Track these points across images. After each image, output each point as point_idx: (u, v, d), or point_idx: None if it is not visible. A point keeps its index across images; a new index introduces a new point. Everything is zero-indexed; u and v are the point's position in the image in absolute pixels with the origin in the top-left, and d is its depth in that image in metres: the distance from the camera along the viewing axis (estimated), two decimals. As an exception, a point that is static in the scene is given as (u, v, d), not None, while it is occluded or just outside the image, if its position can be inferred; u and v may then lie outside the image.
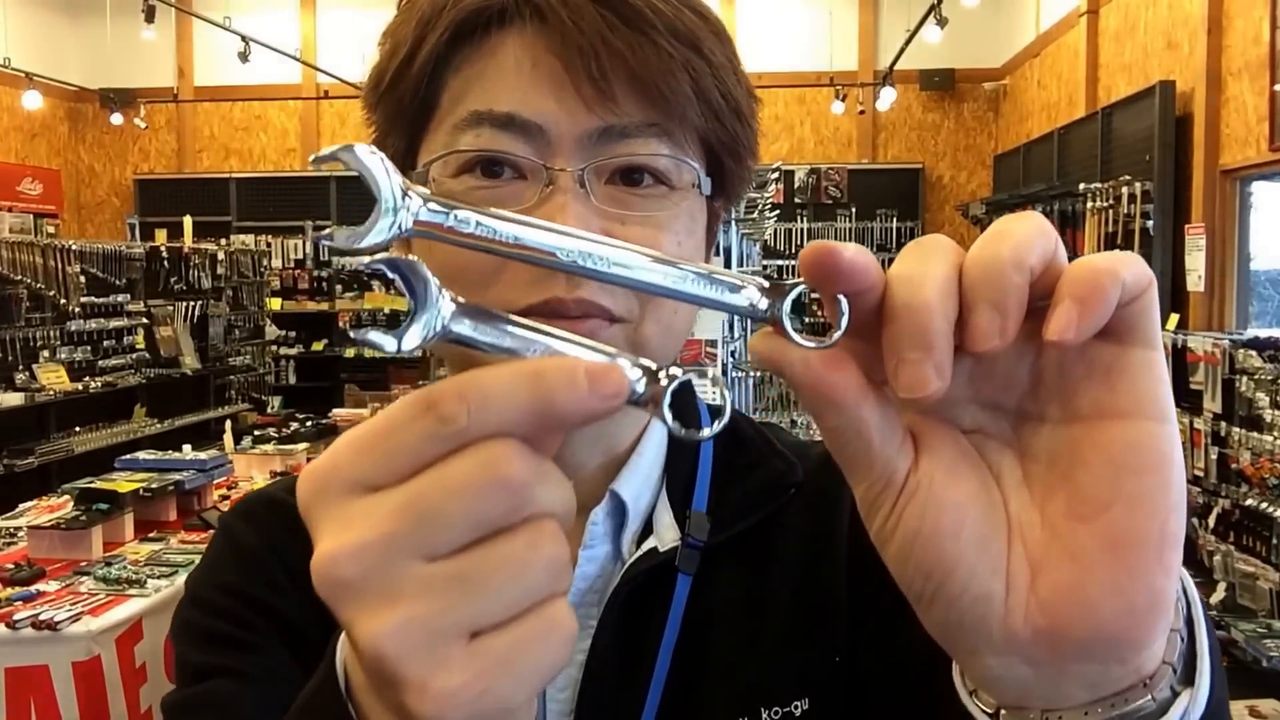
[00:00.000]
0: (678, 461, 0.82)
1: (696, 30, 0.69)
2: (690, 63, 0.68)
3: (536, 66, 0.67)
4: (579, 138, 0.67)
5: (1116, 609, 0.42)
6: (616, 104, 0.67)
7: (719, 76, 0.70)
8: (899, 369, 0.41)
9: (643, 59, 0.66)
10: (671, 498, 0.81)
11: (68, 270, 7.62)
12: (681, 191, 0.71)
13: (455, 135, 0.69)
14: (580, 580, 0.77)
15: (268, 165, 12.40)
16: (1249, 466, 5.14)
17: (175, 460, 4.16)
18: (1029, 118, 10.37)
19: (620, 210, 0.68)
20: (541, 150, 0.67)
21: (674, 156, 0.69)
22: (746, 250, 6.89)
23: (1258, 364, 5.11)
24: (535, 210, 0.66)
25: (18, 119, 11.39)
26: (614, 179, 0.69)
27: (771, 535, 0.81)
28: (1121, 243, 6.88)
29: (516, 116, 0.67)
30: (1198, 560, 5.70)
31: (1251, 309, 6.34)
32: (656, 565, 0.77)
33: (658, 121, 0.68)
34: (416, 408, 0.39)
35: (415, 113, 0.71)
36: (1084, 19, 8.62)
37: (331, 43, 11.67)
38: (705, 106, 0.69)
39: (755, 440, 0.86)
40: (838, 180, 11.63)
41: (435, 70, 0.69)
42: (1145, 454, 0.43)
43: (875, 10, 11.73)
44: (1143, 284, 0.42)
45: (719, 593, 0.78)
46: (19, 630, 2.80)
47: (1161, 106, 6.66)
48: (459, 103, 0.69)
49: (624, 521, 0.79)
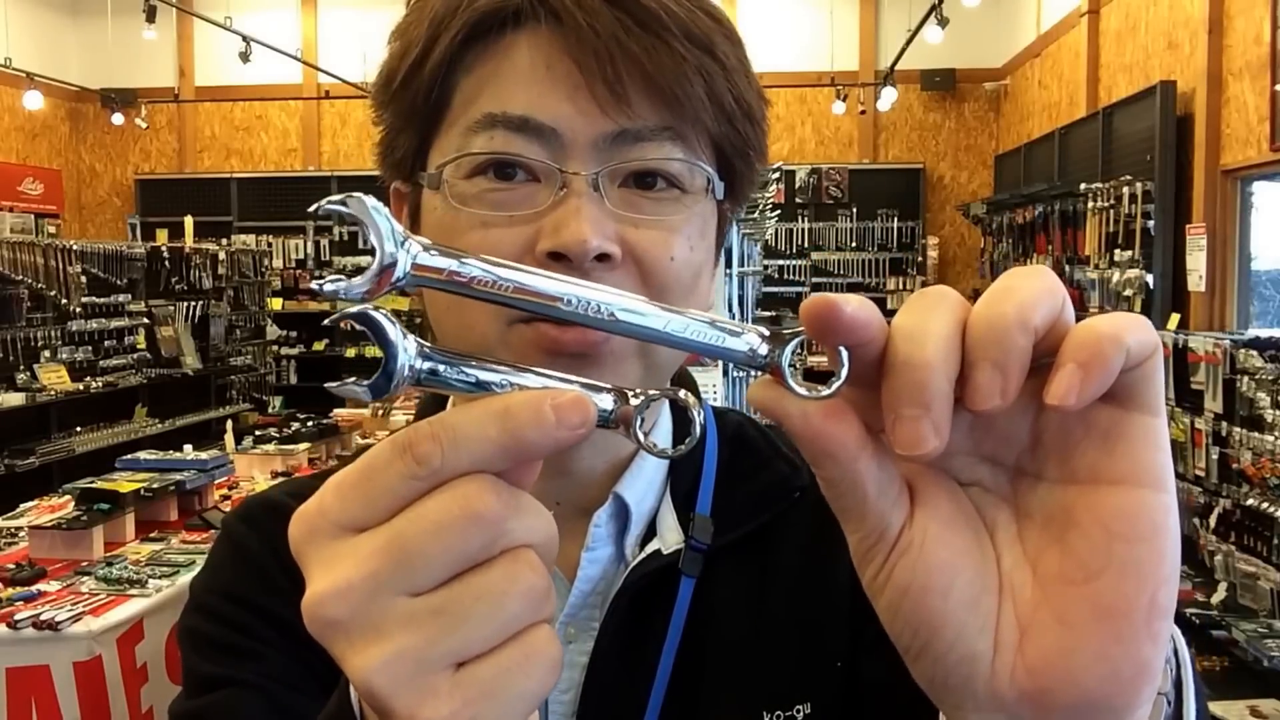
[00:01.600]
0: (682, 464, 0.82)
1: (710, 33, 0.69)
2: (704, 66, 0.68)
3: (551, 69, 0.67)
4: (593, 141, 0.67)
5: (1102, 676, 0.42)
6: (631, 107, 0.66)
7: (732, 79, 0.70)
8: (897, 426, 0.41)
9: (657, 62, 0.66)
10: (675, 500, 0.80)
11: (69, 270, 7.62)
12: (694, 195, 0.71)
13: (468, 137, 0.68)
14: (583, 582, 0.77)
15: (269, 165, 12.40)
16: (1250, 466, 5.14)
17: (176, 460, 4.16)
18: (1030, 118, 10.37)
19: (633, 214, 0.68)
20: (555, 153, 0.67)
21: (688, 161, 0.69)
22: (747, 250, 6.88)
23: (1259, 364, 5.10)
24: (549, 213, 0.66)
25: (19, 119, 11.40)
26: (627, 182, 0.69)
27: (775, 539, 0.81)
28: (1122, 243, 6.88)
29: (531, 119, 0.67)
30: (1199, 560, 5.71)
31: (1252, 309, 6.34)
32: (659, 568, 0.77)
33: (672, 125, 0.68)
34: (393, 450, 0.41)
35: (427, 113, 0.71)
36: (1085, 19, 8.62)
37: (332, 43, 11.66)
38: (718, 110, 0.69)
39: (760, 443, 0.86)
40: (839, 180, 11.63)
41: (448, 71, 0.69)
42: (1138, 522, 0.42)
43: (876, 10, 11.73)
44: (1147, 350, 0.41)
45: (722, 595, 0.78)
46: (20, 630, 2.80)
47: (1162, 106, 6.66)
48: (472, 104, 0.69)
49: (627, 524, 0.79)
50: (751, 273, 7.18)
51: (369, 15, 10.52)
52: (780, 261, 11.52)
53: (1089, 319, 0.42)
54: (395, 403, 6.60)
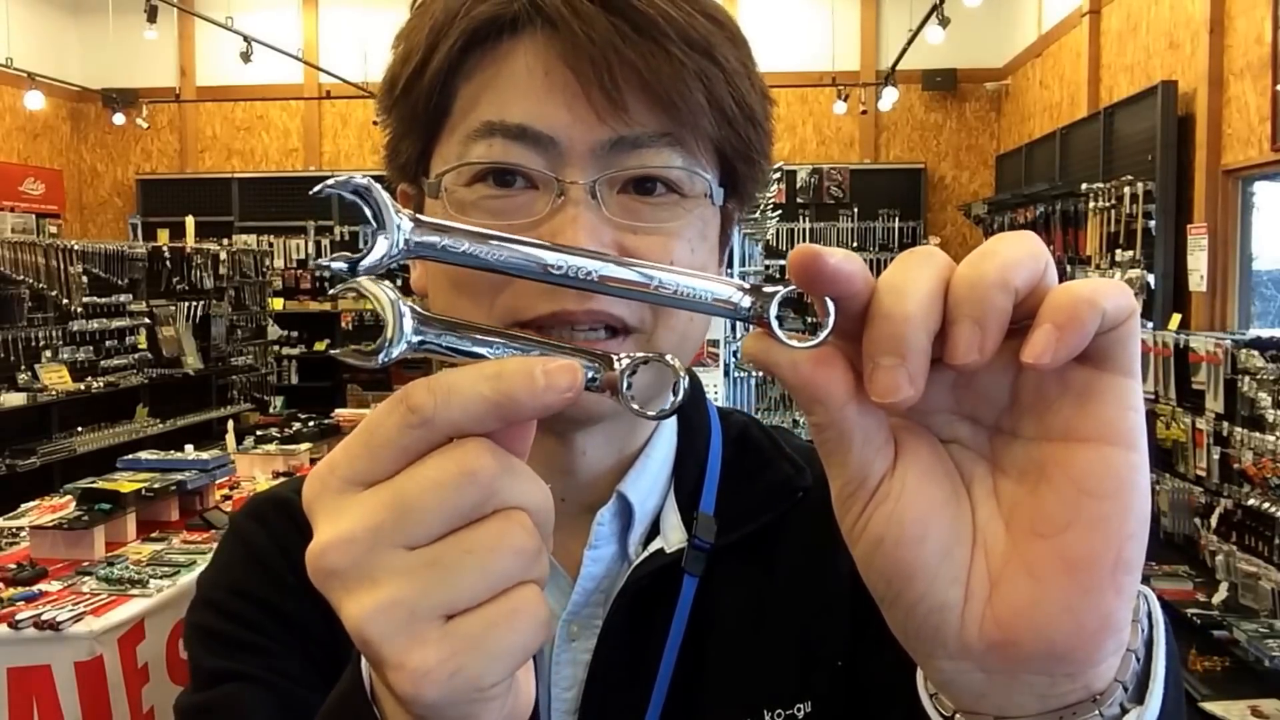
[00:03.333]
0: (686, 463, 0.83)
1: (710, 36, 0.68)
2: (703, 70, 0.68)
3: (549, 75, 0.67)
4: (591, 148, 0.67)
5: (1066, 627, 0.43)
6: (629, 114, 0.66)
7: (733, 82, 0.70)
8: (874, 374, 0.43)
9: (655, 68, 0.66)
10: (679, 499, 0.81)
11: (70, 270, 7.62)
12: (694, 199, 0.71)
13: (468, 144, 0.69)
14: (585, 580, 0.78)
15: (270, 165, 12.40)
16: (1251, 466, 5.14)
17: (177, 460, 4.16)
18: (1031, 118, 10.36)
19: (632, 221, 0.68)
20: (553, 160, 0.67)
21: (687, 168, 0.69)
22: (749, 250, 6.89)
23: (1260, 364, 5.10)
24: (547, 221, 0.66)
25: (20, 119, 11.40)
26: (626, 188, 0.69)
27: (777, 539, 0.81)
28: (1123, 243, 6.88)
29: (529, 128, 0.67)
30: (1200, 560, 5.70)
31: (1254, 309, 6.33)
32: (662, 567, 0.78)
33: (670, 131, 0.68)
34: (392, 403, 0.44)
35: (429, 119, 0.71)
36: (1086, 19, 8.62)
37: (333, 43, 11.66)
38: (718, 114, 0.69)
39: (764, 444, 0.86)
40: (840, 180, 11.63)
41: (448, 78, 0.69)
42: (1107, 479, 0.44)
43: (877, 10, 11.73)
44: (1123, 314, 0.43)
45: (724, 595, 0.79)
46: (21, 630, 2.80)
47: (1163, 106, 6.65)
48: (471, 111, 0.69)
49: (630, 522, 0.79)
50: (753, 273, 7.19)
51: (370, 15, 10.51)
52: (781, 261, 11.50)
53: (1067, 282, 0.43)
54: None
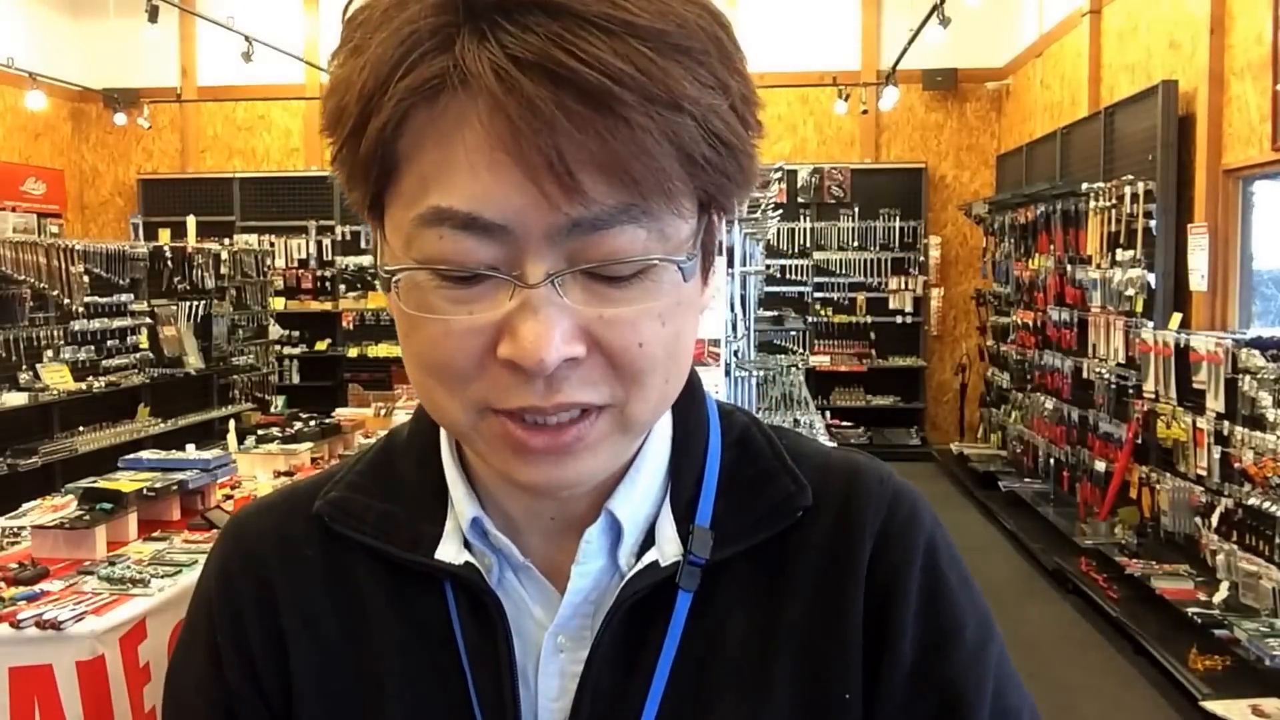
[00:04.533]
0: (682, 471, 0.79)
1: (672, 83, 0.59)
2: (669, 127, 0.59)
3: (494, 158, 0.59)
4: (547, 233, 0.60)
5: None
6: (584, 195, 0.59)
7: (705, 125, 0.61)
8: None
9: (610, 143, 0.58)
10: (675, 510, 0.77)
11: (71, 270, 7.62)
12: (664, 268, 0.64)
13: (417, 230, 0.62)
14: (572, 594, 0.75)
15: (271, 165, 12.41)
16: (1252, 466, 5.14)
17: (179, 460, 4.16)
18: (1032, 117, 10.36)
19: (599, 308, 0.63)
20: (509, 250, 0.61)
21: (655, 258, 0.63)
22: (750, 250, 6.88)
23: (1260, 363, 5.11)
24: (508, 323, 0.62)
25: (21, 119, 11.40)
26: (592, 269, 0.62)
27: (782, 557, 0.77)
28: (1124, 242, 6.88)
29: (478, 218, 0.60)
30: (1201, 559, 5.71)
31: (1254, 308, 6.34)
32: (656, 582, 0.75)
33: (634, 203, 0.61)
34: None
35: (375, 176, 0.65)
36: (1087, 18, 8.62)
37: (335, 42, 11.61)
38: (691, 166, 0.61)
39: (766, 452, 0.81)
40: (841, 180, 11.62)
41: (388, 143, 0.62)
42: None
43: (878, 10, 11.72)
44: None
45: (722, 612, 0.76)
46: (23, 629, 2.80)
47: (1164, 106, 6.65)
48: (420, 188, 0.62)
49: (619, 537, 0.76)
50: (754, 272, 7.18)
51: (371, 15, 10.47)
52: (782, 261, 11.52)
53: None
54: (397, 402, 6.61)
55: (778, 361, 7.46)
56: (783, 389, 7.00)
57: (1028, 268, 8.94)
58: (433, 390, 0.67)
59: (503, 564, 0.76)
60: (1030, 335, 8.97)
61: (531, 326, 0.61)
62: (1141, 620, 5.62)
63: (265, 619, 0.79)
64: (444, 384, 0.66)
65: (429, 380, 0.67)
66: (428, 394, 0.68)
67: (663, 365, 0.66)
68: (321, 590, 0.79)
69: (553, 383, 0.63)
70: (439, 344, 0.64)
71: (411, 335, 0.66)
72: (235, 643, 0.79)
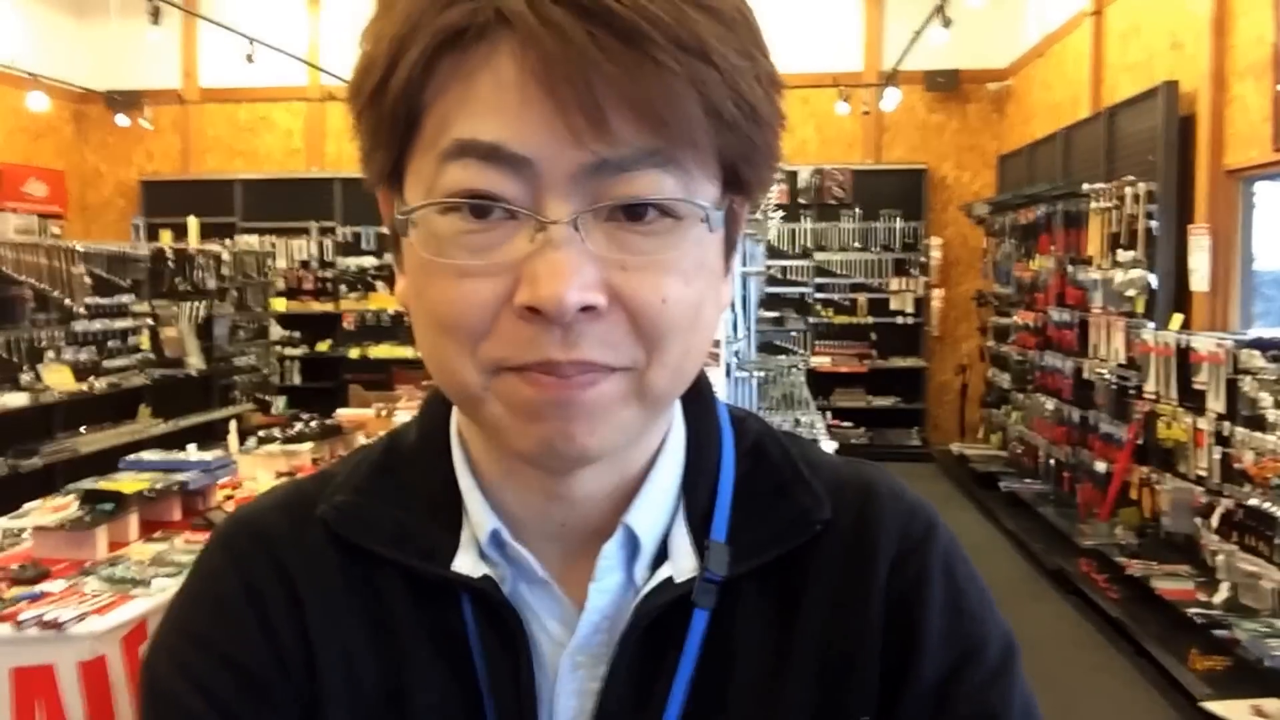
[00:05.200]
0: (696, 483, 0.77)
1: (702, 32, 0.60)
2: (697, 75, 0.60)
3: (522, 91, 0.59)
4: (572, 172, 0.60)
5: None
6: (613, 134, 0.59)
7: (731, 82, 0.62)
8: None
9: (640, 81, 0.58)
10: (690, 522, 0.75)
11: (73, 271, 7.63)
12: (690, 220, 0.64)
13: (440, 166, 0.62)
14: (591, 613, 0.73)
15: (273, 166, 12.41)
16: (1252, 466, 5.14)
17: (180, 461, 4.16)
18: (1033, 118, 10.36)
19: (621, 254, 0.62)
20: (532, 186, 0.61)
21: (682, 199, 0.63)
22: (750, 250, 6.88)
23: (1261, 364, 5.11)
24: (528, 263, 0.61)
25: (23, 120, 11.41)
26: (615, 215, 0.62)
27: (799, 574, 0.76)
28: (1125, 243, 6.88)
29: (502, 148, 0.60)
30: (1201, 560, 5.70)
31: (1255, 309, 6.34)
32: (672, 600, 0.72)
33: (660, 148, 0.61)
34: None
35: (399, 133, 0.65)
36: (1088, 19, 8.62)
37: (336, 44, 11.67)
38: (716, 121, 0.61)
39: (781, 464, 0.79)
40: (842, 181, 11.62)
41: (415, 92, 0.63)
42: None
43: (880, 11, 11.73)
44: None
45: (739, 631, 0.74)
46: (25, 630, 2.81)
47: (1166, 107, 6.66)
48: (442, 129, 0.62)
49: (636, 551, 0.74)
50: (755, 273, 7.18)
51: (372, 16, 10.49)
52: (783, 262, 11.52)
53: None
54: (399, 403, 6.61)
55: (779, 362, 7.46)
56: (784, 389, 7.00)
57: (1029, 268, 8.94)
58: (444, 351, 0.65)
59: (516, 577, 0.74)
60: (1031, 336, 8.97)
61: (551, 264, 0.60)
62: (1142, 621, 5.61)
63: (286, 591, 0.75)
64: (456, 341, 0.64)
65: (441, 339, 0.65)
66: (438, 357, 0.66)
67: (684, 332, 0.65)
68: (341, 590, 0.75)
69: (570, 336, 0.61)
70: (453, 295, 0.63)
71: (425, 292, 0.65)
72: (257, 616, 0.74)
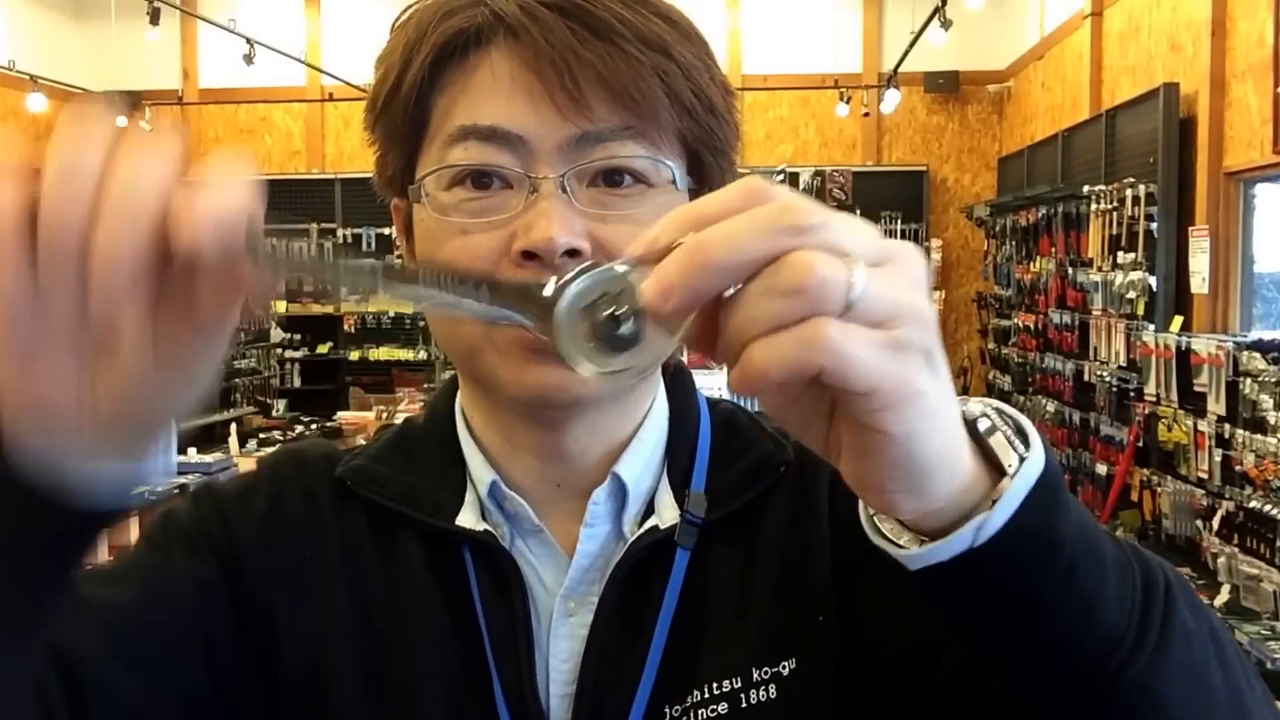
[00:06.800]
0: (677, 447, 0.87)
1: (664, 35, 0.75)
2: (660, 67, 0.74)
3: (515, 80, 0.73)
4: (558, 145, 0.73)
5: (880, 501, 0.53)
6: (591, 111, 0.73)
7: (690, 76, 0.76)
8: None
9: (613, 67, 0.72)
10: (672, 480, 0.85)
11: (73, 273, 7.62)
12: (660, 188, 0.76)
13: (445, 150, 0.75)
14: (581, 557, 0.82)
15: (272, 168, 12.40)
16: (1253, 469, 5.14)
17: (180, 463, 4.17)
18: (1033, 120, 10.36)
19: (601, 210, 0.74)
20: (524, 159, 0.74)
21: (650, 157, 0.75)
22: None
23: (1261, 366, 5.10)
24: (521, 215, 0.73)
25: (22, 121, 11.40)
26: (596, 181, 0.75)
27: (762, 512, 0.85)
28: (1125, 245, 6.88)
29: (499, 129, 0.73)
30: (1202, 562, 5.70)
31: (1255, 311, 6.34)
32: (657, 541, 0.82)
33: (631, 124, 0.74)
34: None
35: (409, 131, 0.78)
36: (1088, 21, 8.61)
37: (336, 45, 11.67)
38: (678, 105, 0.75)
39: (748, 426, 0.91)
40: (842, 182, 11.62)
41: (422, 92, 0.76)
42: (900, 467, 0.51)
43: (879, 12, 11.72)
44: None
45: (715, 567, 0.83)
46: (24, 632, 2.81)
47: (1165, 109, 6.65)
48: (447, 119, 0.76)
49: (625, 503, 0.84)
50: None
51: (373, 18, 10.52)
52: (783, 264, 11.50)
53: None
54: (400, 405, 6.62)
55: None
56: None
57: (1029, 270, 8.94)
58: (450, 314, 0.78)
59: (514, 532, 0.83)
60: (1031, 338, 8.97)
61: (542, 212, 0.72)
62: (1143, 623, 5.60)
63: (310, 515, 0.86)
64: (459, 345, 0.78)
65: None
66: (446, 317, 0.79)
67: None
68: (365, 533, 0.85)
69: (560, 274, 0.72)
70: (457, 248, 0.75)
71: (433, 255, 0.77)
72: (273, 521, 0.85)
